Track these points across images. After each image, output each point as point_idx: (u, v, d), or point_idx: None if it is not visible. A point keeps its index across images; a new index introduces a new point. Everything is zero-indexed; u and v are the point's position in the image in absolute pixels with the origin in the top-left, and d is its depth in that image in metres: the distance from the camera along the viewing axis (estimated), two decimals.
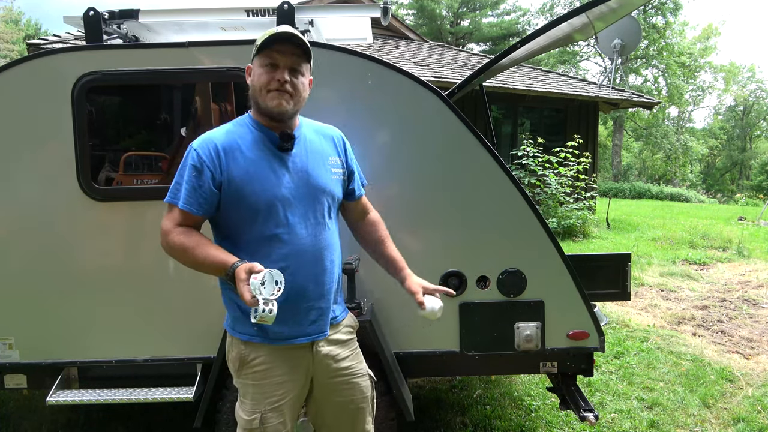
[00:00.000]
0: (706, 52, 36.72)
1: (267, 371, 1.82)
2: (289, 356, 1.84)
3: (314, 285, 1.82)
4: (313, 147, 1.89)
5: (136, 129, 2.81)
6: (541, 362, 2.72)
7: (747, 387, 3.95)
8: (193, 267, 1.75)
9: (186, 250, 1.71)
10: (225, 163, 1.74)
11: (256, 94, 1.78)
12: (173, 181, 1.79)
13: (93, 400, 2.54)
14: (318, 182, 1.84)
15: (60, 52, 2.56)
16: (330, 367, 1.90)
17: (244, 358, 1.83)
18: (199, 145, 1.77)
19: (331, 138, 1.97)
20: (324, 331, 1.88)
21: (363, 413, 1.98)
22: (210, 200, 1.75)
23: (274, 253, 1.75)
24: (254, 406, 1.82)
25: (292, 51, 1.76)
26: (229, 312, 1.88)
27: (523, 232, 2.62)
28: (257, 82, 1.77)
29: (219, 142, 1.77)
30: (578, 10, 2.58)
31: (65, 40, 8.62)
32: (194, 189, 1.74)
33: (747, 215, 13.86)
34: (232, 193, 1.75)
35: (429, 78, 9.43)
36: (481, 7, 33.88)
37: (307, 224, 1.80)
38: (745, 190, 32.52)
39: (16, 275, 2.59)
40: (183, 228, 1.74)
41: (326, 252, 1.85)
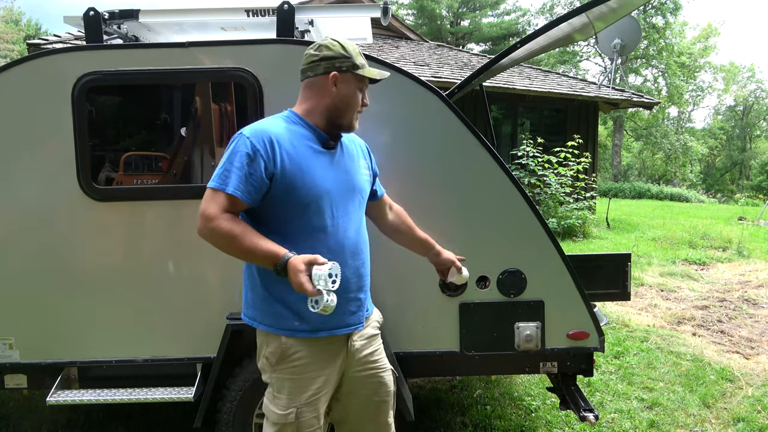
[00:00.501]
0: (705, 52, 36.72)
1: (306, 366, 1.87)
2: (327, 350, 1.90)
3: (356, 277, 1.91)
4: (349, 150, 2.02)
5: (136, 129, 2.81)
6: (541, 362, 2.72)
7: (747, 387, 3.95)
8: (237, 255, 1.74)
9: (234, 237, 1.69)
10: (279, 155, 1.77)
11: (343, 110, 1.88)
12: (219, 168, 1.77)
13: (93, 400, 2.54)
14: (356, 180, 1.97)
15: (60, 52, 2.56)
16: (360, 361, 1.98)
17: (284, 352, 1.86)
18: (252, 133, 1.78)
19: (359, 145, 2.12)
20: (362, 323, 1.97)
21: (386, 406, 2.07)
22: (260, 189, 1.76)
23: (320, 245, 1.79)
24: (290, 401, 1.86)
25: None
26: (267, 308, 1.86)
27: (523, 232, 2.62)
28: (351, 101, 1.88)
29: (273, 134, 1.79)
30: (578, 10, 2.58)
31: (65, 40, 8.62)
32: (246, 176, 1.73)
33: (747, 215, 13.86)
34: (284, 185, 1.77)
35: (429, 78, 9.44)
36: (481, 7, 33.88)
37: (348, 220, 1.90)
38: (745, 190, 32.53)
39: (16, 275, 2.59)
40: (229, 215, 1.72)
41: (363, 246, 1.97)
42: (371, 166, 2.13)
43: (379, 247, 2.58)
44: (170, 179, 2.70)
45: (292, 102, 2.57)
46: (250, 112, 2.54)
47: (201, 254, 2.61)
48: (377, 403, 2.05)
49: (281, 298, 1.83)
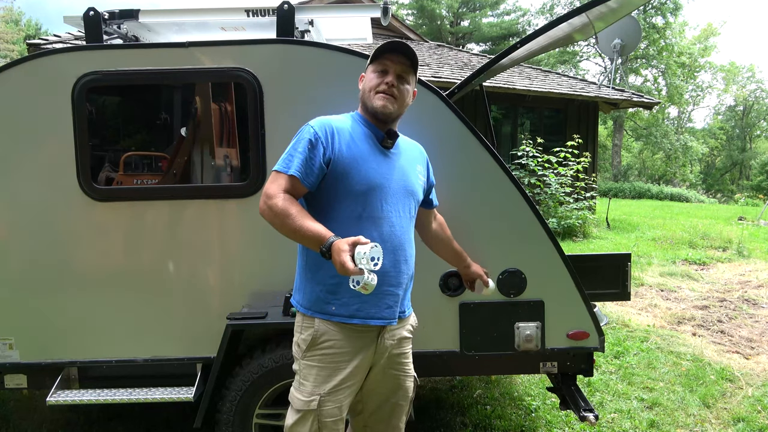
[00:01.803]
0: (706, 52, 36.71)
1: (335, 354, 1.91)
2: (358, 342, 1.93)
3: (394, 272, 1.94)
4: (407, 153, 2.09)
5: (136, 129, 2.81)
6: (541, 362, 2.72)
7: (747, 387, 3.95)
8: (287, 233, 1.81)
9: (288, 215, 1.78)
10: (338, 143, 1.89)
11: (365, 96, 1.96)
12: (284, 153, 1.89)
13: (93, 400, 2.54)
14: (409, 182, 2.02)
15: (60, 52, 2.56)
16: (388, 360, 2.01)
17: (315, 339, 1.91)
18: (316, 123, 1.93)
19: (419, 151, 2.19)
20: (395, 318, 1.98)
21: (401, 410, 2.12)
22: (318, 174, 1.87)
23: (364, 234, 1.81)
24: (315, 388, 1.90)
25: (402, 60, 1.95)
26: (307, 290, 1.95)
27: (523, 232, 2.62)
28: (368, 85, 1.96)
29: (335, 125, 1.93)
30: (578, 10, 2.58)
31: (65, 40, 8.62)
32: (307, 160, 1.85)
33: (747, 215, 13.86)
34: (339, 172, 1.88)
35: (429, 78, 9.44)
36: (481, 7, 33.90)
37: (396, 215, 1.94)
38: (745, 190, 32.52)
39: (16, 275, 2.59)
40: (288, 195, 1.82)
41: (406, 244, 1.99)
42: (427, 175, 2.18)
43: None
44: (170, 179, 2.70)
45: (292, 102, 2.59)
46: (250, 112, 2.54)
47: (201, 254, 2.61)
48: (393, 406, 2.08)
49: (322, 282, 1.91)
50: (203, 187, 2.66)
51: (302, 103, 2.55)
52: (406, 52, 1.95)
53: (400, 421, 2.12)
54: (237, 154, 2.67)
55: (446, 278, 2.62)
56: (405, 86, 1.97)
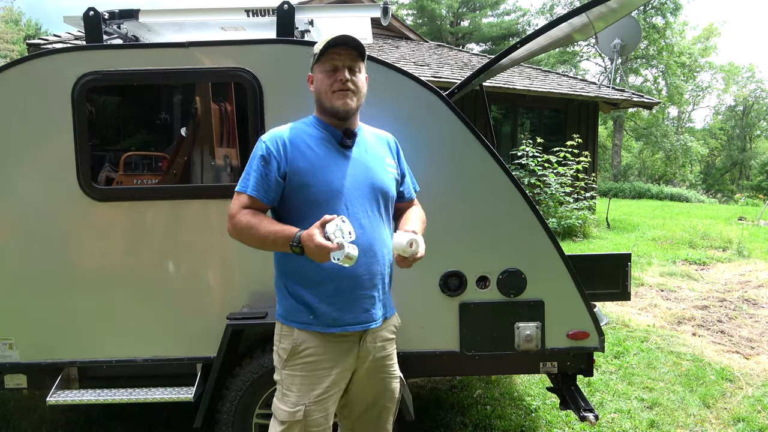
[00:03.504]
0: (706, 52, 36.71)
1: (316, 363, 1.89)
2: (339, 349, 1.90)
3: (368, 275, 1.90)
4: (372, 147, 2.03)
5: (136, 129, 2.81)
6: (541, 362, 2.72)
7: (747, 387, 3.95)
8: (258, 244, 1.84)
9: (252, 227, 1.80)
10: (291, 155, 1.87)
11: (322, 97, 1.92)
12: (243, 172, 1.90)
13: (93, 400, 2.54)
14: (376, 179, 1.96)
15: (60, 52, 2.56)
16: (372, 364, 1.98)
17: (295, 348, 1.89)
18: (267, 137, 1.91)
19: (386, 141, 2.11)
20: (376, 320, 1.95)
21: (388, 413, 2.08)
22: (276, 189, 1.87)
23: None
24: (299, 398, 1.88)
25: (348, 52, 1.89)
26: (283, 302, 1.95)
27: (523, 232, 2.62)
28: (321, 86, 1.91)
29: (286, 136, 1.91)
30: (578, 10, 2.58)
31: (65, 40, 8.62)
32: (262, 177, 1.85)
33: (747, 215, 13.85)
34: (297, 183, 1.86)
35: (429, 78, 9.43)
36: (481, 7, 33.89)
37: (364, 216, 1.90)
38: (745, 190, 32.50)
39: (16, 275, 2.59)
40: (250, 210, 1.84)
41: (379, 244, 1.93)
42: (398, 165, 2.11)
43: None
44: (170, 179, 2.70)
45: (292, 102, 2.59)
46: (250, 112, 2.54)
47: (201, 254, 2.61)
48: (380, 408, 2.06)
49: (295, 293, 1.90)
50: (203, 187, 2.66)
51: (302, 103, 2.54)
52: (351, 43, 1.89)
53: (387, 423, 2.10)
54: (237, 154, 2.67)
55: (446, 278, 2.62)
56: (358, 77, 1.92)
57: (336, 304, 1.87)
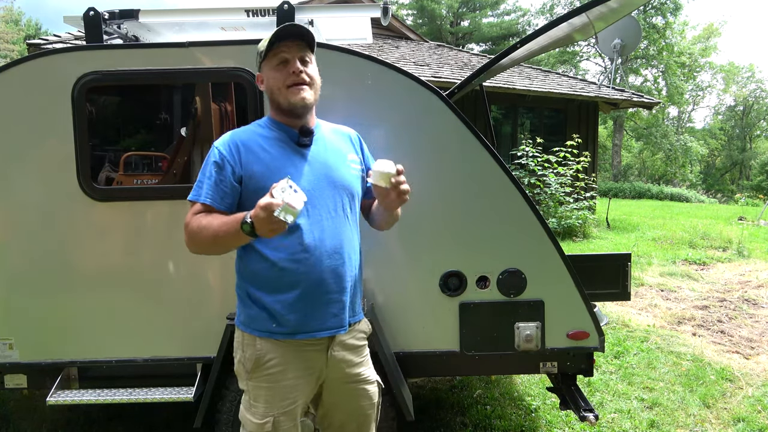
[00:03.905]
0: (706, 52, 36.71)
1: (282, 372, 1.82)
2: (304, 358, 1.84)
3: (334, 278, 1.82)
4: (332, 144, 1.94)
5: (136, 129, 2.81)
6: (541, 362, 2.72)
7: (747, 387, 3.95)
8: (212, 243, 1.74)
9: (204, 227, 1.72)
10: (245, 158, 1.79)
11: (276, 94, 1.82)
12: (196, 181, 1.82)
13: (93, 400, 2.54)
14: (338, 177, 1.87)
15: (60, 52, 2.56)
16: (342, 373, 1.91)
17: (259, 359, 1.82)
18: (220, 143, 1.84)
19: (348, 136, 2.02)
20: (344, 326, 1.87)
21: (369, 419, 2.00)
22: (232, 194, 1.79)
23: (295, 244, 1.76)
24: (267, 410, 1.82)
25: (297, 43, 1.81)
26: (245, 309, 1.86)
27: (523, 232, 2.62)
28: (274, 83, 1.82)
29: (238, 139, 1.83)
30: (578, 10, 2.58)
31: (65, 40, 8.62)
32: (216, 184, 1.78)
33: (747, 215, 13.85)
34: (253, 188, 1.77)
35: (429, 78, 9.43)
36: (481, 7, 33.89)
37: (327, 217, 1.82)
38: (745, 190, 32.49)
39: (16, 275, 2.59)
40: (202, 213, 1.76)
41: (345, 245, 1.85)
42: (363, 160, 2.01)
43: (379, 248, 2.59)
44: (170, 179, 2.70)
45: None
46: (250, 112, 2.54)
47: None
48: (360, 417, 1.98)
49: (258, 300, 1.82)
50: None
51: None
52: (298, 33, 1.80)
53: (370, 429, 2.01)
54: None
55: (446, 278, 2.62)
56: (311, 68, 1.83)
57: (301, 310, 1.78)
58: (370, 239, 2.53)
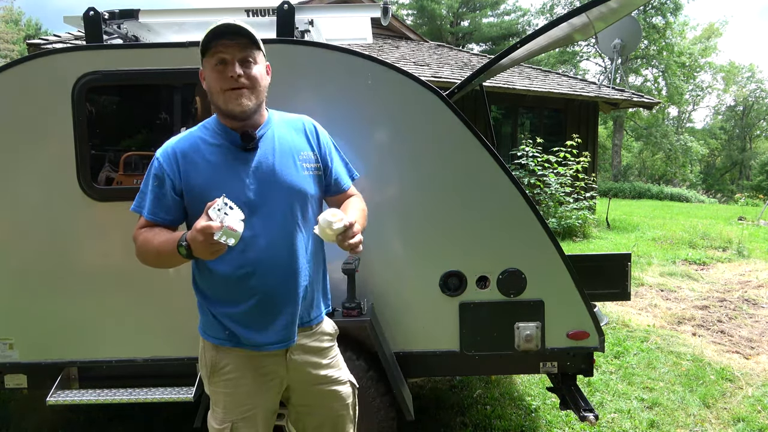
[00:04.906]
0: (706, 52, 36.71)
1: (238, 379, 1.79)
2: (260, 364, 1.80)
3: (284, 290, 1.75)
4: (282, 144, 1.80)
5: (136, 129, 2.81)
6: (541, 362, 2.71)
7: (747, 387, 3.95)
8: (155, 260, 1.71)
9: (146, 243, 1.68)
10: (183, 170, 1.71)
11: (214, 97, 1.71)
12: (140, 189, 1.78)
13: (93, 400, 2.54)
14: (286, 181, 1.75)
15: (60, 52, 2.56)
16: (308, 376, 1.87)
17: (215, 365, 1.80)
18: (161, 153, 1.76)
19: (302, 130, 1.87)
20: (293, 339, 1.80)
21: (343, 421, 1.95)
22: (175, 208, 1.74)
23: (241, 257, 1.69)
24: (225, 415, 1.80)
25: (237, 42, 1.67)
26: (202, 315, 1.84)
27: (523, 232, 2.62)
28: (212, 85, 1.69)
29: (178, 149, 1.74)
30: (578, 10, 2.58)
31: (65, 40, 8.62)
32: (158, 198, 1.72)
33: (747, 215, 13.85)
34: (195, 200, 1.70)
35: (429, 78, 9.43)
36: (481, 7, 33.90)
37: (275, 227, 1.72)
38: (745, 190, 32.50)
39: (17, 275, 2.59)
40: (147, 227, 1.73)
41: (297, 254, 1.76)
42: (319, 155, 1.86)
43: (379, 247, 2.59)
44: None
45: (290, 101, 2.58)
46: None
47: None
48: (333, 418, 1.93)
49: (210, 309, 1.79)
50: None
51: (302, 103, 2.55)
52: (237, 31, 1.65)
53: (347, 430, 1.97)
54: None
55: (446, 278, 2.62)
56: (253, 70, 1.69)
57: (250, 325, 1.73)
58: (370, 239, 2.53)
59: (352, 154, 2.27)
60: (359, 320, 2.43)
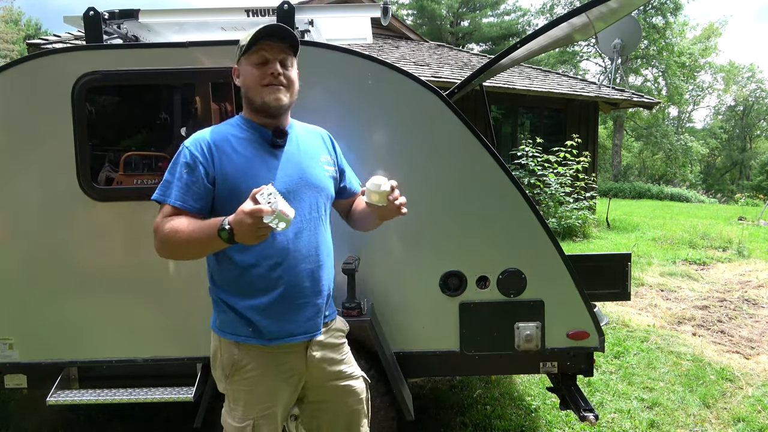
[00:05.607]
0: (706, 52, 36.72)
1: (259, 377, 1.80)
2: (281, 361, 1.82)
3: (310, 281, 1.80)
4: (305, 145, 1.89)
5: (136, 129, 2.81)
6: (541, 362, 2.72)
7: (747, 387, 3.95)
8: (184, 248, 1.66)
9: (176, 230, 1.63)
10: (218, 159, 1.73)
11: (251, 92, 1.78)
12: (162, 181, 1.74)
13: (93, 400, 2.54)
14: (312, 178, 1.83)
15: (60, 52, 2.56)
16: (324, 372, 1.89)
17: (237, 363, 1.80)
18: (190, 142, 1.76)
19: (320, 136, 1.99)
20: (319, 330, 1.85)
21: (358, 416, 1.97)
22: (205, 196, 1.72)
23: (269, 248, 1.73)
24: (246, 413, 1.80)
25: (280, 45, 1.76)
26: (219, 313, 1.83)
27: (523, 232, 2.62)
28: (250, 81, 1.77)
29: (210, 139, 1.77)
30: (578, 10, 2.58)
31: (65, 40, 8.62)
32: (187, 186, 1.70)
33: (747, 215, 13.85)
34: (227, 190, 1.72)
35: (429, 78, 9.43)
36: (481, 7, 33.90)
37: (302, 219, 1.77)
38: (745, 190, 32.50)
39: (17, 275, 2.59)
40: (173, 216, 1.68)
41: (321, 248, 1.83)
42: (336, 161, 1.98)
43: (379, 247, 2.59)
44: None
45: None
46: None
47: None
48: (348, 414, 1.95)
49: (233, 306, 1.79)
50: None
51: (302, 102, 2.54)
52: (283, 35, 1.75)
53: (360, 426, 1.98)
54: None
55: (446, 278, 2.62)
56: (290, 71, 1.79)
57: (276, 315, 1.75)
58: (369, 239, 2.53)
59: (352, 155, 2.27)
60: (359, 320, 2.43)
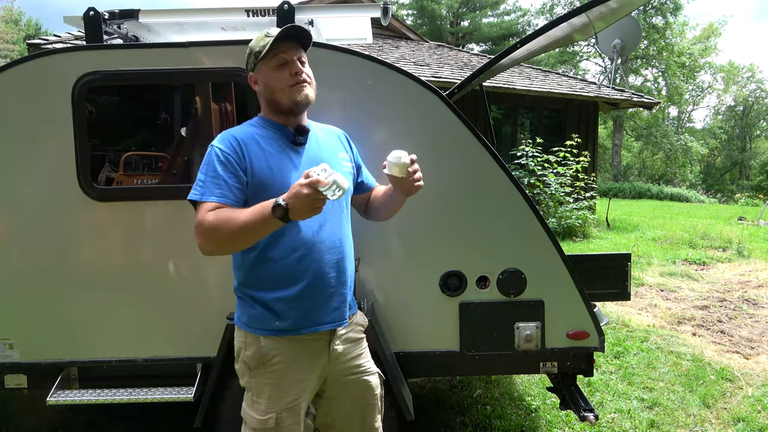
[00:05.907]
0: (706, 52, 36.72)
1: (286, 369, 1.84)
2: (307, 352, 1.86)
3: (336, 272, 1.86)
4: (323, 143, 1.97)
5: (136, 129, 2.81)
6: (541, 362, 2.72)
7: (747, 387, 3.95)
8: (233, 237, 1.66)
9: (224, 222, 1.64)
10: (247, 155, 1.79)
11: (278, 95, 1.83)
12: (196, 181, 1.77)
13: (93, 400, 2.54)
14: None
15: (60, 52, 2.56)
16: (343, 366, 1.94)
17: (264, 356, 1.83)
18: (218, 141, 1.82)
19: (336, 135, 2.07)
20: (345, 319, 1.91)
21: (373, 410, 2.02)
22: (243, 189, 1.76)
23: (297, 240, 1.78)
24: (270, 406, 1.83)
25: (293, 45, 1.85)
26: (246, 309, 1.86)
27: (523, 232, 2.62)
28: (276, 83, 1.82)
29: (239, 136, 1.82)
30: (578, 10, 2.58)
31: (65, 40, 8.62)
32: (225, 181, 1.73)
33: (747, 215, 13.85)
34: (255, 186, 1.77)
35: (429, 78, 9.43)
36: (481, 7, 33.91)
37: (327, 213, 1.80)
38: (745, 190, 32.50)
39: (16, 275, 2.59)
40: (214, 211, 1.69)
41: (345, 240, 1.91)
42: (353, 157, 2.06)
43: (379, 247, 2.59)
44: (170, 179, 2.70)
45: None
46: (250, 112, 2.54)
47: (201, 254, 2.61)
48: (363, 408, 2.00)
49: (260, 300, 1.82)
50: None
51: None
52: (295, 35, 1.84)
53: (375, 421, 2.03)
54: None
55: (446, 278, 2.62)
56: (306, 67, 1.88)
57: (303, 305, 1.81)
58: (370, 239, 2.53)
59: None
60: None
